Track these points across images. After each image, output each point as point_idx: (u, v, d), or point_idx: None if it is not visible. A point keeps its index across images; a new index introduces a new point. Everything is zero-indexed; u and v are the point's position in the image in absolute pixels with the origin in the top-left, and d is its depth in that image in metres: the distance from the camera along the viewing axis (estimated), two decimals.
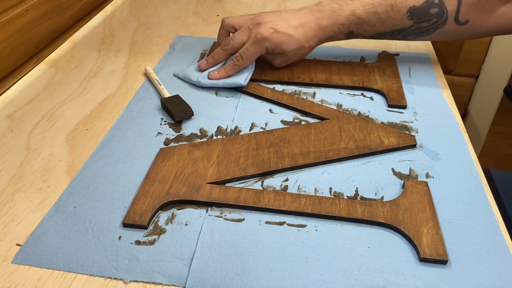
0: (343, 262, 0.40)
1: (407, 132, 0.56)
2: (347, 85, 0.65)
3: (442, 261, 0.40)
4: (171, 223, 0.44)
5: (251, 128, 0.57)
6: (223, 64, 0.65)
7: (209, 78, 0.64)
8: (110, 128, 0.57)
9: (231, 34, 0.68)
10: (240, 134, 0.56)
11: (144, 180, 0.48)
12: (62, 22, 0.80)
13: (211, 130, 0.56)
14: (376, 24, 0.63)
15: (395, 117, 0.59)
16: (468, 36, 0.65)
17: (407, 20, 0.62)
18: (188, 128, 0.57)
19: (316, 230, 0.43)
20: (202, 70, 0.66)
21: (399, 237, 0.43)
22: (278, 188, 0.48)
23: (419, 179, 0.49)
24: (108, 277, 0.39)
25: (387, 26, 0.63)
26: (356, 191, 0.48)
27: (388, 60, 0.71)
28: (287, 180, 0.49)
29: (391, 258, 0.41)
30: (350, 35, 0.65)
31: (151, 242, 0.42)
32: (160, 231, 0.43)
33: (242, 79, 0.63)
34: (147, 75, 0.68)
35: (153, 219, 0.44)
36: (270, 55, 0.65)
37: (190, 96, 0.62)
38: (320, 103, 0.61)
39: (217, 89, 0.64)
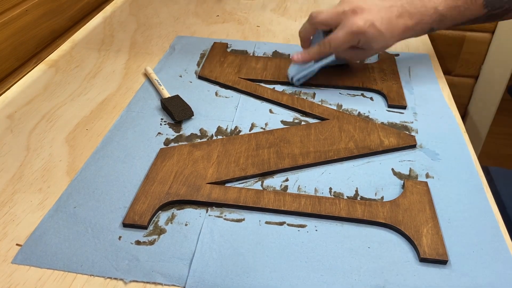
0: (343, 262, 0.40)
1: (407, 132, 0.56)
2: (347, 85, 0.65)
3: (442, 261, 0.40)
4: (171, 223, 0.44)
5: (251, 128, 0.57)
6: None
7: (291, 59, 0.63)
8: (110, 128, 0.57)
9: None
10: (240, 134, 0.56)
11: (144, 180, 0.48)
12: (62, 22, 0.80)
13: (211, 130, 0.56)
14: (455, 17, 0.60)
15: (395, 117, 0.59)
16: None
17: (482, 9, 0.60)
18: (188, 128, 0.57)
19: (316, 230, 0.43)
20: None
21: (399, 237, 0.43)
22: (278, 188, 0.48)
23: (419, 179, 0.49)
24: (108, 277, 0.39)
25: (464, 18, 0.61)
26: (356, 191, 0.48)
27: (388, 61, 0.71)
28: (287, 180, 0.49)
29: (391, 258, 0.41)
30: (429, 31, 0.62)
31: (151, 242, 0.42)
32: (160, 231, 0.43)
33: (333, 56, 0.62)
34: (147, 76, 0.68)
35: (153, 219, 0.44)
36: (351, 51, 0.62)
37: (190, 96, 0.62)
38: (320, 103, 0.61)
39: (217, 89, 0.64)
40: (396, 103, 0.61)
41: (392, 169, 0.51)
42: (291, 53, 0.64)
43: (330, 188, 0.48)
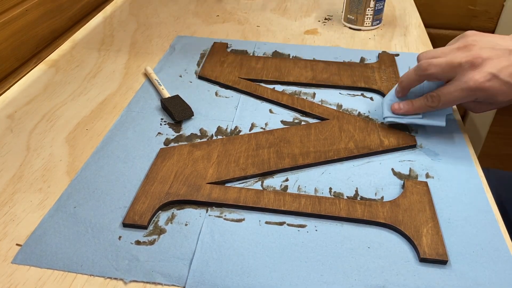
0: (343, 262, 0.40)
1: (407, 132, 0.56)
2: (347, 85, 0.65)
3: (442, 261, 0.40)
4: (171, 223, 0.44)
5: (251, 128, 0.57)
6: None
7: (391, 111, 0.55)
8: (110, 128, 0.57)
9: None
10: (240, 134, 0.56)
11: (144, 180, 0.48)
12: (62, 22, 0.80)
13: (211, 130, 0.56)
14: None
15: None
16: None
17: None
18: (188, 128, 0.57)
19: (316, 230, 0.43)
20: (398, 97, 0.56)
21: (399, 237, 0.43)
22: (278, 188, 0.48)
23: (419, 179, 0.49)
24: (108, 277, 0.39)
25: None
26: (356, 191, 0.48)
27: (388, 61, 0.71)
28: (287, 180, 0.49)
29: (391, 258, 0.41)
30: None
31: (151, 242, 0.42)
32: (160, 231, 0.43)
33: (442, 120, 0.54)
34: (147, 75, 0.68)
35: (153, 219, 0.44)
36: (472, 102, 0.53)
37: (190, 96, 0.62)
38: (320, 103, 0.61)
39: (217, 89, 0.64)
40: None
41: (392, 169, 0.51)
42: (394, 99, 0.56)
43: (330, 188, 0.48)
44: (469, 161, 0.52)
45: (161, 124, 0.57)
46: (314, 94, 0.64)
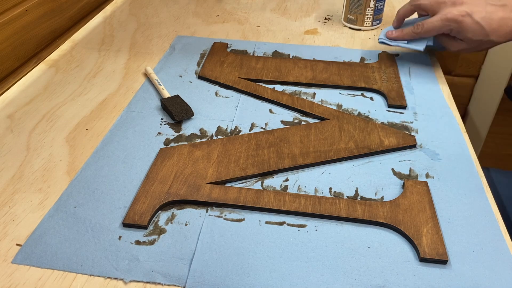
0: (343, 262, 0.40)
1: (407, 132, 0.56)
2: (347, 85, 0.65)
3: (442, 261, 0.40)
4: (171, 223, 0.44)
5: (251, 128, 0.57)
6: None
7: (386, 36, 0.70)
8: (110, 128, 0.57)
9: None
10: (240, 134, 0.56)
11: (144, 180, 0.48)
12: (62, 22, 0.80)
13: (211, 130, 0.56)
14: None
15: (395, 117, 0.59)
16: None
17: None
18: (188, 128, 0.57)
19: (316, 230, 0.43)
20: (394, 27, 0.71)
21: (399, 237, 0.43)
22: (278, 188, 0.48)
23: (419, 179, 0.49)
24: (108, 277, 0.39)
25: None
26: (356, 191, 0.48)
27: (388, 61, 0.71)
28: (287, 180, 0.49)
29: (391, 258, 0.41)
30: None
31: (151, 242, 0.42)
32: (160, 231, 0.43)
33: (422, 46, 0.67)
34: (147, 75, 0.68)
35: (153, 219, 0.44)
36: (448, 37, 0.65)
37: (190, 96, 0.62)
38: (320, 103, 0.61)
39: (217, 89, 0.64)
40: (396, 103, 0.61)
41: (392, 169, 0.51)
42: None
43: (330, 188, 0.48)
44: (469, 161, 0.52)
45: (161, 124, 0.57)
46: (314, 94, 0.64)
